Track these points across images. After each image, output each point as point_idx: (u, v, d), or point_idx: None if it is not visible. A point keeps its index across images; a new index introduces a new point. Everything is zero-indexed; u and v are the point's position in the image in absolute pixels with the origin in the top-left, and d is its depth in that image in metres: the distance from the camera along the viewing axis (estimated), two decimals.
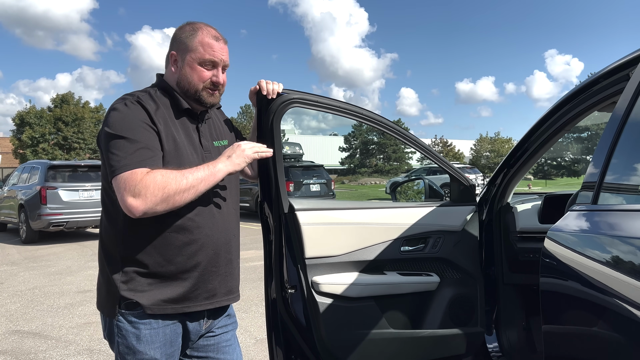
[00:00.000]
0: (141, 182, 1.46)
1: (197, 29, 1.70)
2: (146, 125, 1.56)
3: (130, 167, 1.47)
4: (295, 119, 78.57)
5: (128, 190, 1.45)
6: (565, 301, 1.48)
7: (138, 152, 1.50)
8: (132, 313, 1.58)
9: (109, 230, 1.64)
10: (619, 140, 1.50)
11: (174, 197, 1.49)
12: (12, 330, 4.74)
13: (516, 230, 2.63)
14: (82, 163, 10.92)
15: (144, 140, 1.53)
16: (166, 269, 1.59)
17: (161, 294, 1.59)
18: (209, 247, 1.65)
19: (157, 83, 1.74)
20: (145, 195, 1.45)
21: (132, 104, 1.58)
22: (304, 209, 2.17)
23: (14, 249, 9.81)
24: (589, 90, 1.99)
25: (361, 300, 2.27)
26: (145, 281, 1.58)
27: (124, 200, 1.46)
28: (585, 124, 37.48)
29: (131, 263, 1.58)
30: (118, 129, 1.52)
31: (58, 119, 37.70)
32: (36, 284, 6.69)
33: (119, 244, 1.59)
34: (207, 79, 1.69)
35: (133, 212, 1.47)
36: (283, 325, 2.17)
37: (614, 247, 1.30)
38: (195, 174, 1.55)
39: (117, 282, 1.58)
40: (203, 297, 1.66)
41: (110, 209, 1.63)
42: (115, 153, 1.50)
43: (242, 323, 4.77)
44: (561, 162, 51.48)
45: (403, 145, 43.54)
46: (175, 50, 1.70)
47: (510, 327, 2.66)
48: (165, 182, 1.48)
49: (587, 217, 1.54)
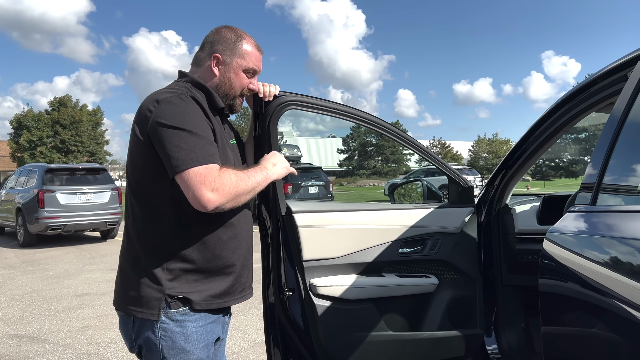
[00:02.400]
0: (219, 177, 1.46)
1: (241, 35, 1.74)
2: (205, 121, 1.55)
3: (203, 161, 1.45)
4: (294, 121, 78.68)
5: (207, 184, 1.43)
6: (565, 302, 1.48)
7: (206, 147, 1.49)
8: (178, 311, 1.54)
9: (149, 227, 1.57)
10: (618, 141, 1.49)
11: (241, 197, 1.52)
12: (10, 334, 4.72)
13: (515, 232, 2.62)
14: (79, 166, 10.90)
15: (207, 136, 1.52)
16: (213, 264, 1.59)
17: (208, 289, 1.58)
18: (245, 241, 1.70)
19: (190, 80, 1.70)
20: (222, 191, 1.46)
21: (187, 99, 1.55)
22: (302, 211, 2.17)
23: (12, 253, 9.78)
24: (587, 91, 1.99)
25: (359, 303, 2.27)
26: (192, 277, 1.56)
27: (199, 193, 1.43)
28: (583, 124, 37.54)
29: (177, 259, 1.55)
30: (180, 122, 1.48)
31: (56, 122, 37.70)
32: (34, 288, 6.66)
33: (165, 241, 1.55)
34: (245, 86, 1.77)
35: (206, 206, 1.44)
36: (281, 327, 2.16)
37: (613, 248, 1.29)
38: (255, 176, 1.59)
39: (162, 280, 1.53)
40: (238, 291, 1.69)
41: (149, 206, 1.57)
42: (182, 147, 1.45)
43: (241, 326, 4.76)
44: (559, 163, 51.58)
45: (401, 147, 43.77)
46: (219, 53, 1.70)
47: (509, 329, 2.65)
48: (238, 181, 1.51)
49: (585, 218, 1.54)
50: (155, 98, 1.54)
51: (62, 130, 37.53)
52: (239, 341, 4.35)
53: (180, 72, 1.77)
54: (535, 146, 2.40)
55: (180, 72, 1.77)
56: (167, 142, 1.47)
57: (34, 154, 36.13)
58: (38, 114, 38.26)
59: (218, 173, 1.47)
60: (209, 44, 1.73)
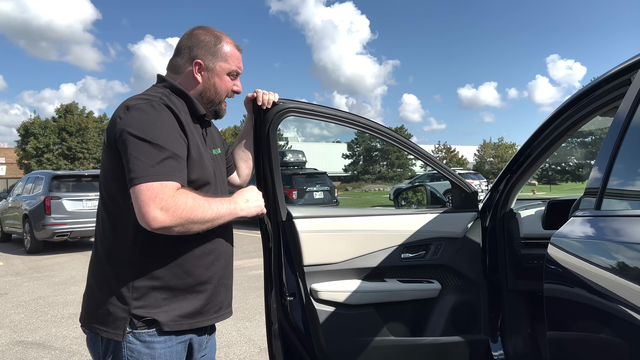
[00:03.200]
0: (173, 197, 1.35)
1: (219, 37, 1.65)
2: (175, 132, 1.45)
3: (160, 177, 1.36)
4: (298, 126, 78.74)
5: (157, 202, 1.33)
6: (569, 307, 1.47)
7: (166, 161, 1.39)
8: (146, 332, 1.45)
9: (116, 241, 1.48)
10: (622, 145, 1.48)
11: (193, 225, 1.40)
12: (16, 340, 4.73)
13: (520, 237, 2.61)
14: (85, 173, 10.95)
15: (172, 148, 1.41)
16: (183, 281, 1.49)
17: (177, 309, 1.48)
18: (223, 257, 1.60)
19: (168, 85, 1.60)
20: (173, 213, 1.35)
21: (160, 107, 1.45)
22: (302, 216, 2.17)
23: (19, 260, 9.83)
24: (591, 95, 1.98)
25: (361, 308, 2.26)
26: (160, 296, 1.46)
27: (147, 210, 1.33)
28: (589, 128, 37.43)
29: (144, 276, 1.45)
30: (144, 132, 1.39)
31: (62, 129, 37.93)
32: (40, 294, 6.69)
33: (131, 255, 1.45)
34: (230, 89, 1.69)
35: (152, 225, 1.34)
36: (283, 333, 2.16)
37: (618, 253, 1.28)
38: (219, 207, 1.47)
39: (127, 298, 1.44)
40: (213, 311, 1.58)
41: (118, 218, 1.48)
42: (141, 159, 1.36)
43: (246, 332, 4.75)
44: (565, 167, 51.34)
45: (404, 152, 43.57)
46: (200, 59, 1.61)
47: (515, 335, 2.63)
48: (194, 207, 1.39)
49: (590, 223, 1.53)
50: (126, 104, 1.46)
51: (68, 137, 37.77)
52: (244, 347, 4.34)
53: (159, 76, 1.66)
54: (540, 150, 2.39)
55: (159, 77, 1.66)
56: (129, 153, 1.38)
57: (41, 161, 36.36)
58: (45, 121, 38.53)
59: (173, 192, 1.36)
60: (187, 50, 1.63)
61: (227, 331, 4.77)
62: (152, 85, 1.64)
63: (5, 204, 12.36)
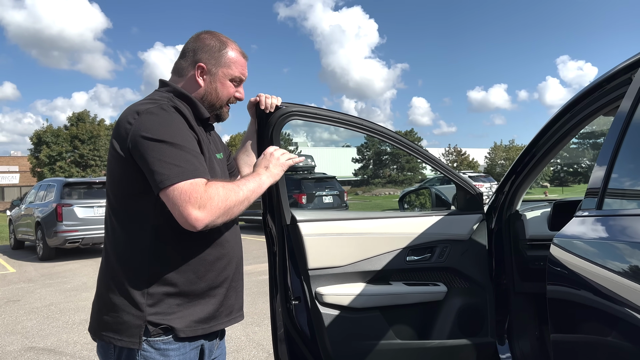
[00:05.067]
0: (206, 193, 1.35)
1: (225, 42, 1.65)
2: (189, 132, 1.46)
3: (188, 175, 1.35)
4: (308, 131, 78.91)
5: (192, 201, 1.33)
6: (572, 308, 1.46)
7: (191, 160, 1.38)
8: (161, 339, 1.44)
9: (129, 247, 1.46)
10: (622, 144, 1.47)
11: (233, 210, 1.42)
12: (28, 346, 4.78)
13: (526, 238, 2.59)
14: (96, 180, 11.04)
15: (192, 147, 1.42)
16: (197, 286, 1.48)
17: (191, 314, 1.48)
18: (234, 261, 1.60)
19: (171, 90, 1.60)
20: (210, 207, 1.35)
21: (169, 109, 1.45)
22: (306, 220, 2.17)
23: (31, 266, 9.93)
24: (593, 95, 1.97)
25: (366, 311, 2.26)
26: (174, 302, 1.45)
27: (187, 213, 1.33)
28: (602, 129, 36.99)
29: (158, 283, 1.44)
30: (162, 134, 1.38)
31: (74, 137, 38.35)
32: (52, 301, 6.75)
33: (145, 262, 1.44)
34: (232, 95, 1.68)
35: (195, 225, 1.34)
36: (288, 337, 2.16)
37: (619, 252, 1.27)
38: (247, 185, 1.49)
39: (142, 305, 1.42)
40: (224, 315, 1.57)
41: (131, 225, 1.47)
42: (165, 160, 1.35)
43: (255, 337, 4.76)
44: (578, 169, 50.84)
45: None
46: (204, 63, 1.61)
47: (523, 337, 2.61)
48: (227, 194, 1.40)
49: (591, 222, 1.52)
50: (135, 110, 1.44)
51: (80, 145, 38.17)
52: (252, 352, 4.35)
53: (161, 81, 1.66)
54: (544, 151, 2.38)
55: (161, 81, 1.66)
56: (149, 157, 1.37)
57: (54, 169, 36.77)
58: (57, 130, 38.97)
59: (204, 188, 1.37)
60: (191, 53, 1.63)
61: (236, 336, 4.77)
62: (155, 90, 1.64)
63: (19, 211, 12.50)
